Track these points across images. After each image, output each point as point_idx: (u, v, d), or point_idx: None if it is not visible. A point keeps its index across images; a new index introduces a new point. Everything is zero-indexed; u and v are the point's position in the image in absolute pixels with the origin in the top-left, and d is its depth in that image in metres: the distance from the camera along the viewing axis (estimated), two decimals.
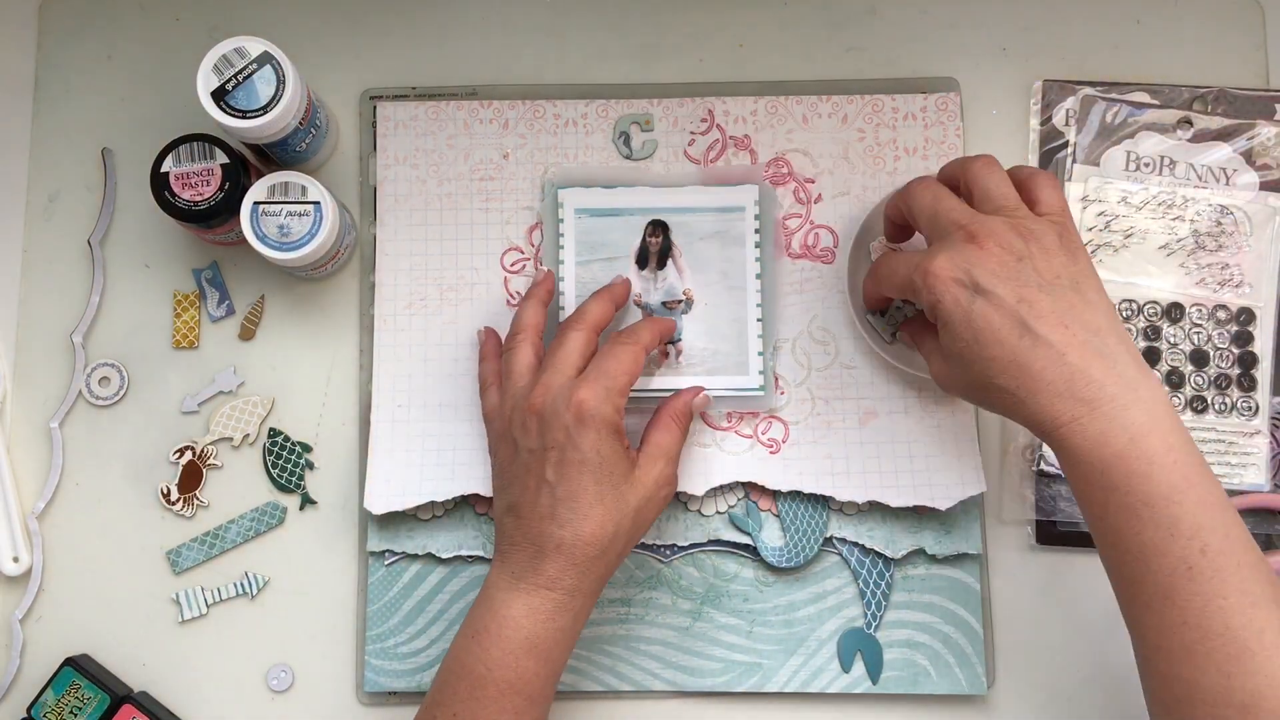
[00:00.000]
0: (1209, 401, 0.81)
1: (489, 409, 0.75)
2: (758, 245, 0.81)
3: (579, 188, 0.82)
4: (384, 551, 0.80)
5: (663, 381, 0.79)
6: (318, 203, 0.76)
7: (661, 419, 0.74)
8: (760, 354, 0.80)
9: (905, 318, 0.79)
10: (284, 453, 0.81)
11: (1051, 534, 0.80)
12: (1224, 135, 0.82)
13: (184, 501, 0.81)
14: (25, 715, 0.77)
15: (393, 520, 0.79)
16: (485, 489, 0.79)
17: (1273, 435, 0.81)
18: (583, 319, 0.73)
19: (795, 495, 0.79)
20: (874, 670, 0.79)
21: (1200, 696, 0.60)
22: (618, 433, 0.69)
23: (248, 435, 0.81)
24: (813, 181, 0.82)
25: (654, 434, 0.73)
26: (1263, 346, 0.81)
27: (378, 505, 0.78)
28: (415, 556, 0.80)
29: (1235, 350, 0.81)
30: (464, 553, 0.79)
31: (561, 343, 0.72)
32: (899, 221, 0.75)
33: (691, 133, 0.83)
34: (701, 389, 0.76)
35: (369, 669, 0.79)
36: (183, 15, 0.85)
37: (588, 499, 0.68)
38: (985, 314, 0.64)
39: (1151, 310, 0.81)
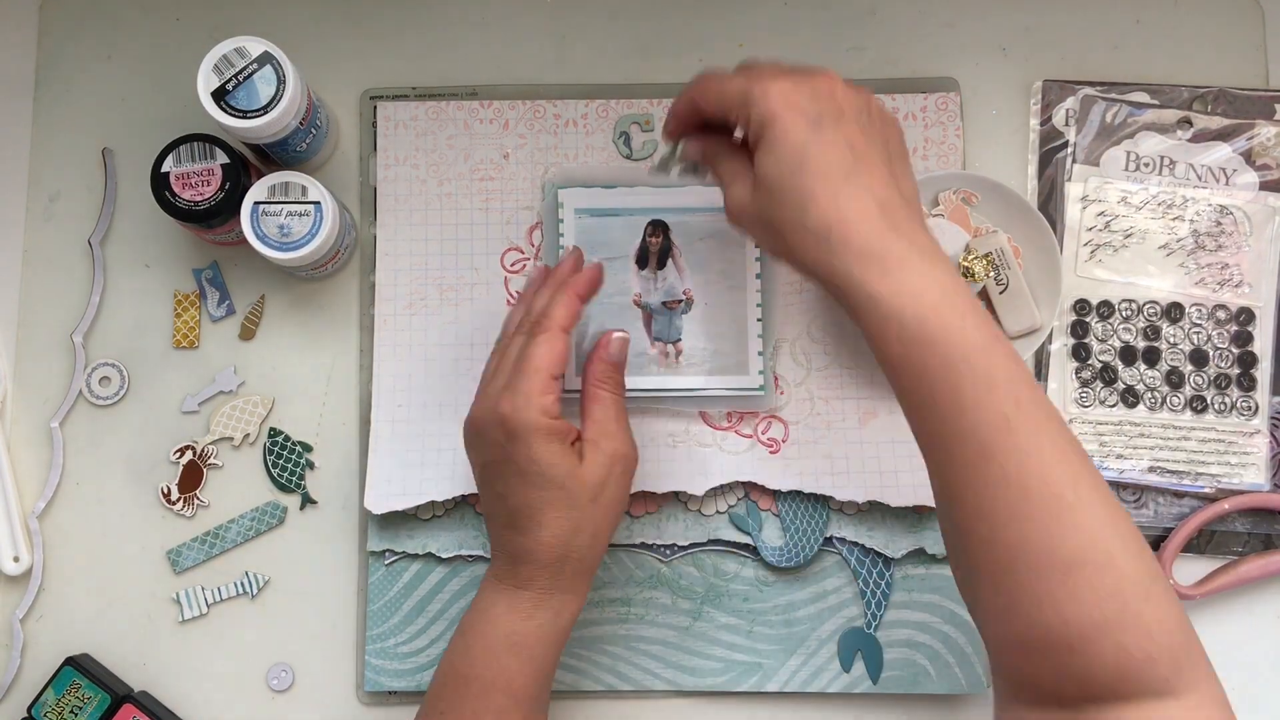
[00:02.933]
0: (1209, 401, 0.81)
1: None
2: (757, 245, 0.81)
3: (579, 188, 0.81)
4: (384, 551, 0.80)
5: (662, 381, 0.79)
6: (318, 203, 0.76)
7: (588, 390, 0.70)
8: (760, 354, 0.80)
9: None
10: (284, 452, 0.81)
11: None
12: (1224, 135, 0.82)
13: (184, 501, 0.81)
14: (26, 715, 0.77)
15: (393, 520, 0.79)
16: None
17: (1272, 435, 0.81)
18: (542, 322, 0.69)
19: (795, 495, 0.79)
20: (874, 670, 0.79)
21: (1025, 560, 0.57)
22: (549, 434, 0.66)
23: (248, 435, 0.81)
24: None
25: (588, 409, 0.69)
26: (1262, 346, 0.81)
27: (378, 505, 0.78)
28: (415, 556, 0.80)
29: (1235, 350, 0.81)
30: (464, 552, 0.79)
31: (504, 348, 0.70)
32: (693, 121, 0.68)
33: None
34: (611, 333, 0.71)
35: (369, 668, 0.79)
36: (183, 15, 0.85)
37: (535, 505, 0.66)
38: (820, 146, 0.60)
39: (1151, 310, 0.82)
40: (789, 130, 0.61)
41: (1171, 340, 0.81)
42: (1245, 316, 0.81)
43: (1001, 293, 0.79)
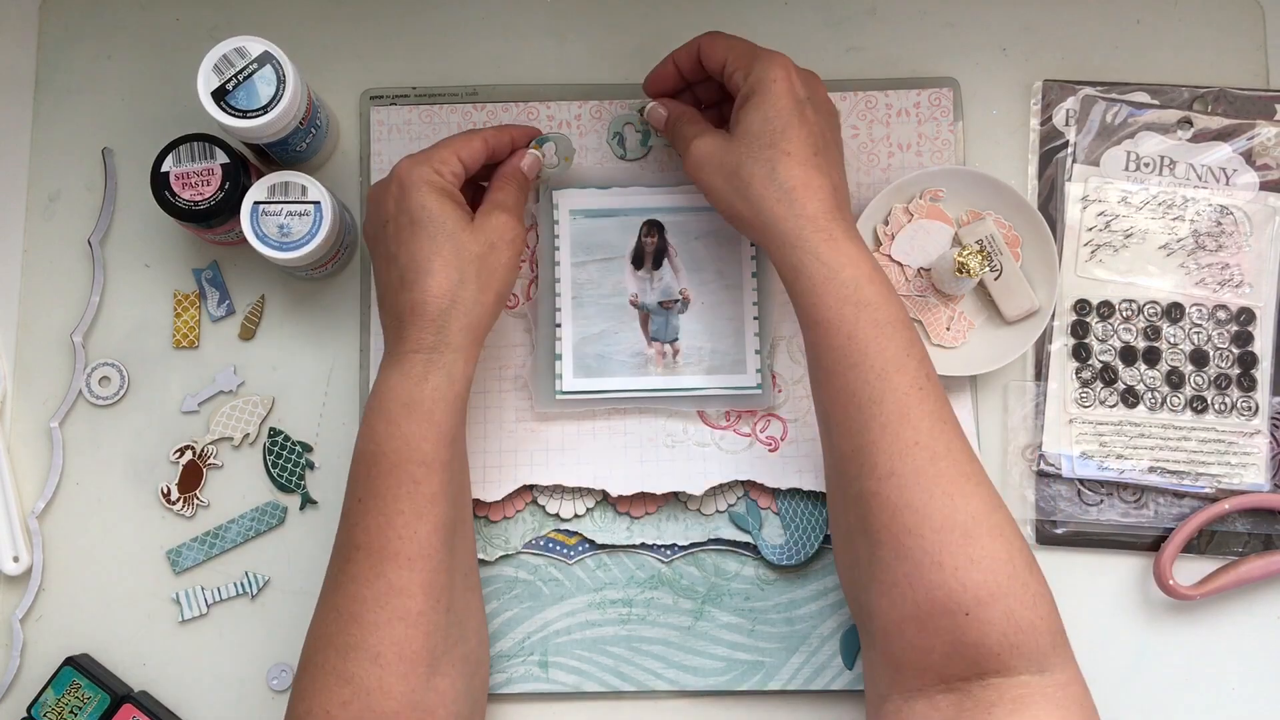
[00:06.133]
0: (1209, 401, 0.81)
1: None
2: (753, 244, 0.81)
3: (574, 189, 0.81)
4: None
5: (660, 381, 0.79)
6: (318, 202, 0.76)
7: (495, 182, 0.75)
8: (757, 352, 0.80)
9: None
10: (284, 452, 0.81)
11: (1051, 534, 0.80)
12: (1224, 135, 0.82)
13: (184, 501, 0.81)
14: (25, 715, 0.77)
15: None
16: (483, 492, 0.79)
17: (1272, 435, 0.81)
18: (477, 131, 0.75)
19: (795, 493, 0.79)
20: None
21: (930, 522, 0.62)
22: (442, 192, 0.70)
23: (248, 435, 0.81)
24: None
25: (489, 194, 0.74)
26: (1262, 346, 0.81)
27: None
28: None
29: (1235, 350, 0.81)
30: None
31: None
32: (690, 76, 0.78)
33: None
34: (528, 151, 0.77)
35: None
36: (183, 15, 0.85)
37: (424, 254, 0.69)
38: (802, 121, 0.69)
39: (1151, 310, 0.81)
40: (783, 96, 0.70)
41: (1172, 340, 0.81)
42: (1245, 317, 0.81)
43: (996, 279, 0.79)
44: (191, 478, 0.81)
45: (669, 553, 0.80)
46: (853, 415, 0.66)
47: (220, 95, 0.73)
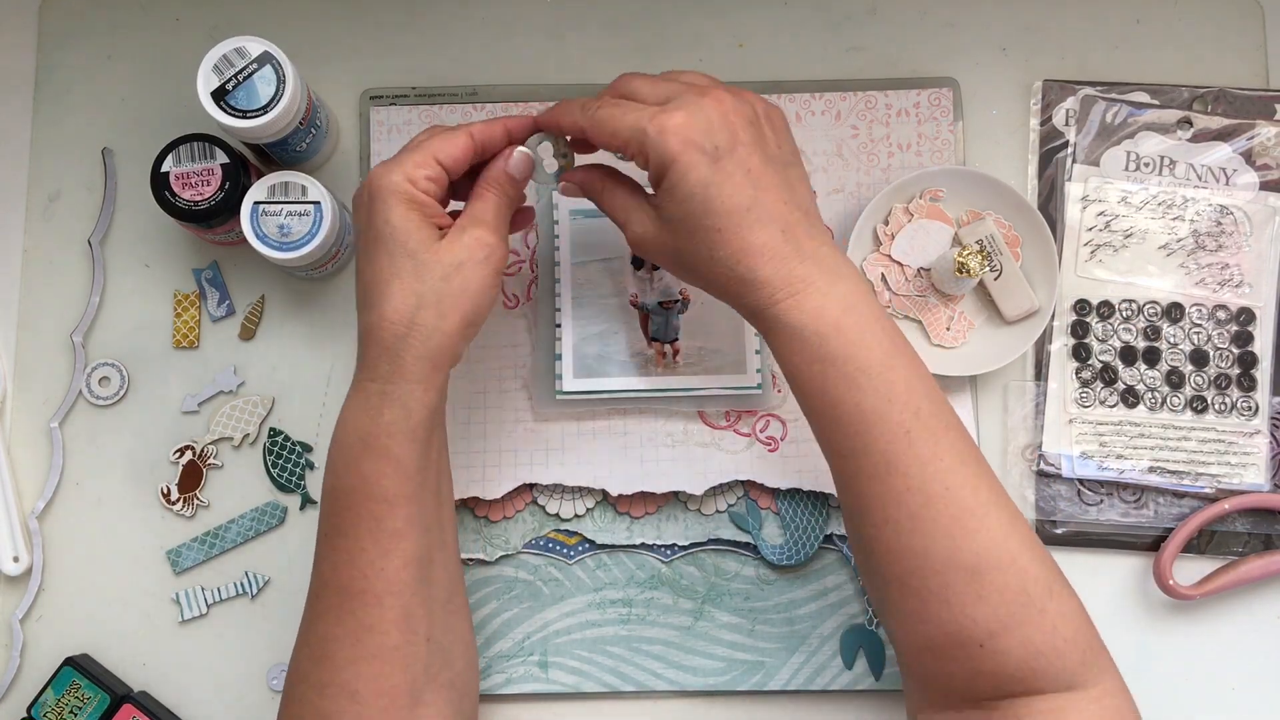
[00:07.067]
0: (1209, 401, 0.81)
1: None
2: None
3: None
4: None
5: (660, 381, 0.79)
6: (318, 202, 0.76)
7: (476, 190, 0.68)
8: (757, 352, 0.80)
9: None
10: (284, 452, 0.81)
11: (1051, 534, 0.80)
12: (1224, 135, 0.82)
13: (184, 501, 0.81)
14: (25, 715, 0.77)
15: None
16: (483, 492, 0.79)
17: (1272, 435, 0.81)
18: (463, 126, 0.69)
19: (795, 493, 0.79)
20: (876, 666, 0.79)
21: (931, 565, 0.60)
22: (409, 202, 0.64)
23: (248, 435, 0.81)
24: None
25: (469, 205, 0.67)
26: (1262, 346, 0.81)
27: None
28: None
29: (1235, 350, 0.81)
30: (463, 556, 0.79)
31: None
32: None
33: None
34: (515, 148, 0.68)
35: None
36: (183, 15, 0.85)
37: (384, 276, 0.64)
38: (720, 184, 0.62)
39: (1151, 310, 0.81)
40: (689, 171, 0.62)
41: (1171, 340, 0.81)
42: (1245, 317, 0.81)
43: (996, 279, 0.79)
44: (191, 478, 0.81)
45: (669, 553, 0.80)
46: (840, 467, 0.64)
47: (220, 95, 0.73)
